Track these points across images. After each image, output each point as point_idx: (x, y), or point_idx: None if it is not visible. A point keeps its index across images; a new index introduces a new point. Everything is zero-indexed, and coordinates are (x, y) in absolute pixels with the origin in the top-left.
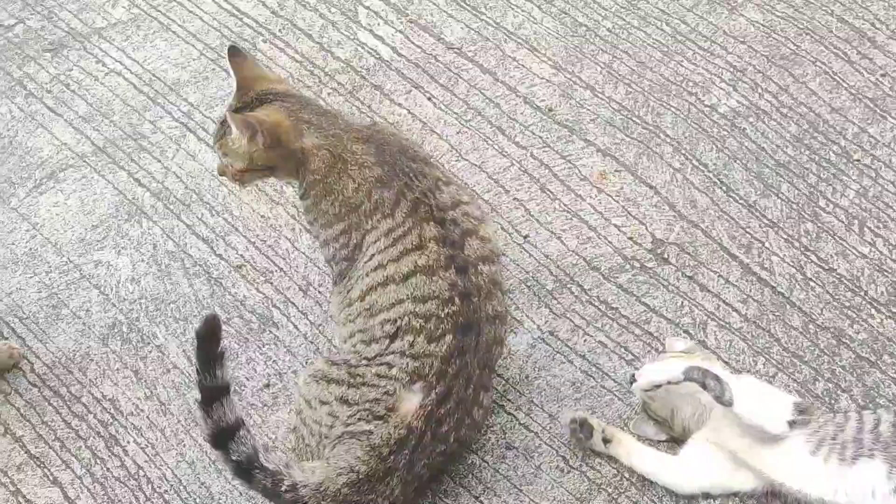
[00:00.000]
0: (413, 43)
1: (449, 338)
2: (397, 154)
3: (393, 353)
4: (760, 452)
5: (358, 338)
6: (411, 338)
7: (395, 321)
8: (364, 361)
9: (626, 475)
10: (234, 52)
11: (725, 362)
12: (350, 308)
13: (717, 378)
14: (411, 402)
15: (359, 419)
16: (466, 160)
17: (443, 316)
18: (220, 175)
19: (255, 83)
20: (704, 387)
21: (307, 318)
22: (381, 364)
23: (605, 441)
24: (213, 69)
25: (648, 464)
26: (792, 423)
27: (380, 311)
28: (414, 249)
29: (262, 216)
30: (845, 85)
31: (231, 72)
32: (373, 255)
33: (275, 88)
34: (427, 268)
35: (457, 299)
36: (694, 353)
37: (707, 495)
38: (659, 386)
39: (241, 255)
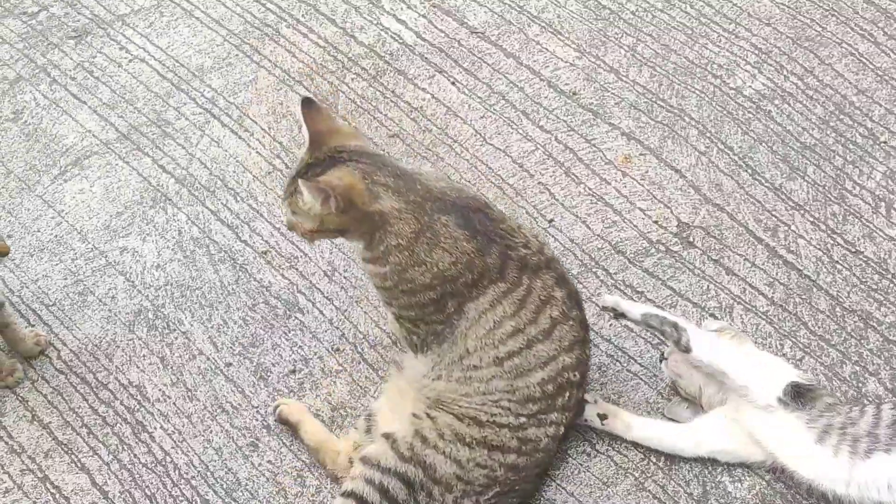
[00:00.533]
0: (436, 27)
1: (587, 375)
2: (481, 217)
3: (557, 409)
4: (770, 436)
5: (502, 396)
6: (568, 392)
7: (556, 379)
8: (523, 419)
9: (654, 459)
10: (308, 104)
11: None
12: (478, 372)
13: (674, 325)
14: None
15: (524, 481)
16: (491, 144)
17: (584, 357)
18: (290, 230)
19: (329, 138)
20: (663, 333)
21: (332, 304)
22: (551, 424)
23: (601, 417)
24: (237, 55)
25: (652, 432)
26: (784, 403)
27: (531, 370)
28: (545, 304)
29: None
30: (871, 66)
31: (303, 124)
32: (498, 321)
33: (348, 145)
34: (563, 315)
35: (584, 334)
36: (724, 331)
37: (714, 461)
38: (620, 314)
39: (266, 241)
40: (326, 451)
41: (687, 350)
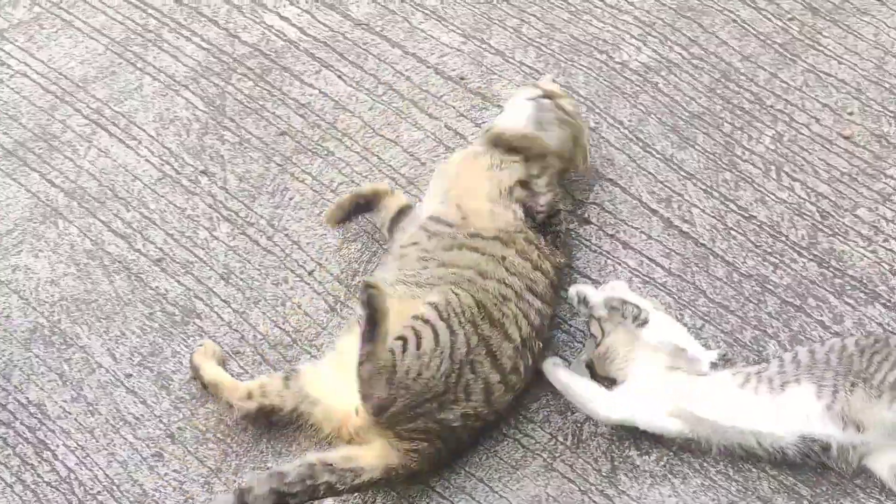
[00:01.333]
0: (320, 22)
1: None
2: None
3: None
4: (693, 393)
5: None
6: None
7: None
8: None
9: (560, 439)
10: None
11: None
12: None
13: (636, 306)
14: None
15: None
16: (381, 136)
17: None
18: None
19: None
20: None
21: (230, 307)
22: (528, 356)
23: None
24: (120, 63)
25: (577, 384)
26: (715, 365)
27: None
28: None
29: (179, 207)
30: (754, 32)
31: None
32: None
33: None
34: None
35: None
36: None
37: (634, 428)
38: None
39: (160, 249)
40: (224, 385)
41: (645, 323)
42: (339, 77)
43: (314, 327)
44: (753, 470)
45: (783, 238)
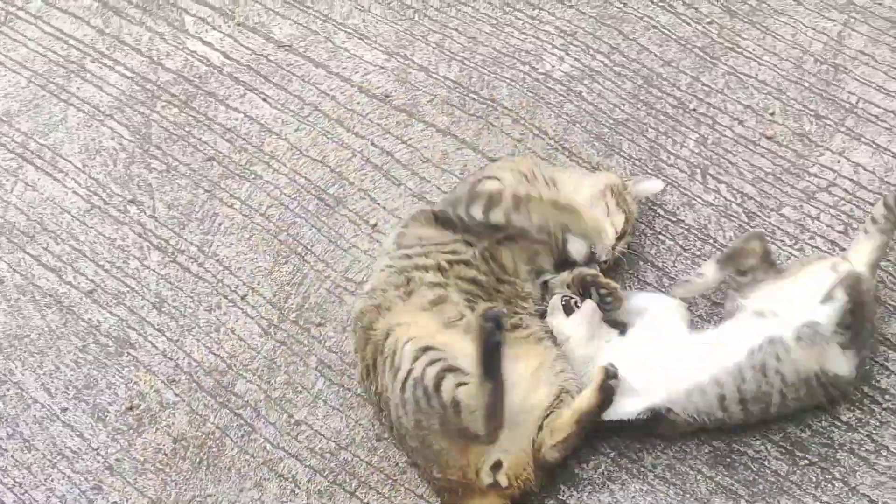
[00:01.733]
0: (243, 45)
1: None
2: None
3: None
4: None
5: None
6: None
7: None
8: None
9: None
10: None
11: None
12: None
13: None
14: None
15: None
16: (308, 156)
17: None
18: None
19: None
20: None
21: (164, 335)
22: None
23: None
24: (44, 95)
25: None
26: None
27: None
28: None
29: (108, 238)
30: (674, 37)
31: None
32: None
33: None
34: None
35: None
36: None
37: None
38: None
39: (91, 280)
40: None
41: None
42: (264, 100)
43: (249, 352)
44: (691, 472)
45: (711, 240)
